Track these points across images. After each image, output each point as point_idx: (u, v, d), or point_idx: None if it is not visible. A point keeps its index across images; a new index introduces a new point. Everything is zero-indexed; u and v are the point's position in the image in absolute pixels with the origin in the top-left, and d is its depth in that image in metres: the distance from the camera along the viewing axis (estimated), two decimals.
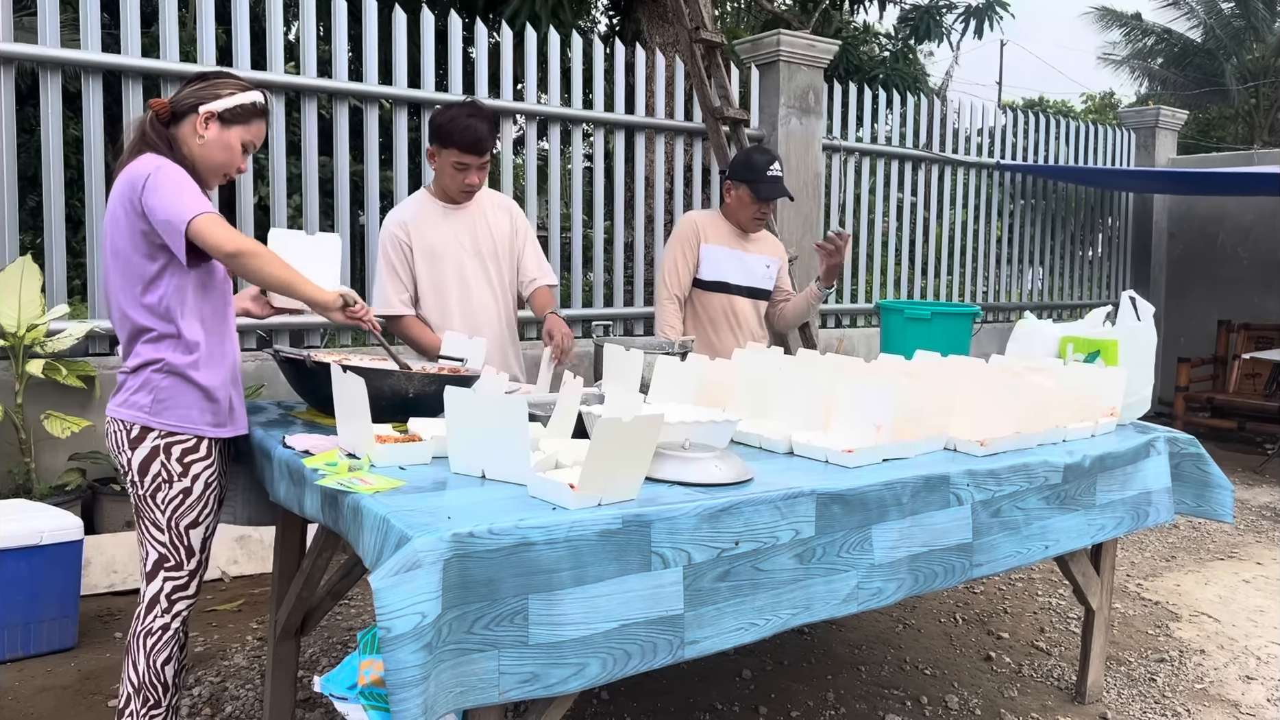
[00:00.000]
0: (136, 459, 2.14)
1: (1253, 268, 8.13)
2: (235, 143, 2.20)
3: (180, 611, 2.19)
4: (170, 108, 2.16)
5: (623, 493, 1.72)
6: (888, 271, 6.88)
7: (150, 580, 2.18)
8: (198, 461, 2.18)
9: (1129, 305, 3.19)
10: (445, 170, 3.02)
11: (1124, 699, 3.06)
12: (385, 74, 4.88)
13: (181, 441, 2.15)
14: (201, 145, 2.16)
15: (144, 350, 2.14)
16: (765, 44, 5.85)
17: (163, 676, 2.17)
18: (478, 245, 3.12)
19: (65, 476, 3.82)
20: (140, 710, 2.16)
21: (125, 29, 4.01)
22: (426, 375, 2.32)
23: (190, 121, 2.16)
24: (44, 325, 3.71)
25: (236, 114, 2.18)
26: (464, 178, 3.01)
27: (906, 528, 2.07)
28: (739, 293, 3.63)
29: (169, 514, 2.16)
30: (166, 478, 2.15)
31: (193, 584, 2.21)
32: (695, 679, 3.03)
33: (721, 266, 3.61)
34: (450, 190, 3.06)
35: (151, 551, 2.18)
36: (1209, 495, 2.92)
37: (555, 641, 1.56)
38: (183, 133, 2.16)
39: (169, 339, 2.13)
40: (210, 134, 2.16)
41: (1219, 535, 5.00)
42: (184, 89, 2.19)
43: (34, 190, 6.77)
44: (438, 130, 2.97)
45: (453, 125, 2.94)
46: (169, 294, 2.12)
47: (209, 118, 2.15)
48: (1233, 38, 19.87)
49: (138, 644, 2.17)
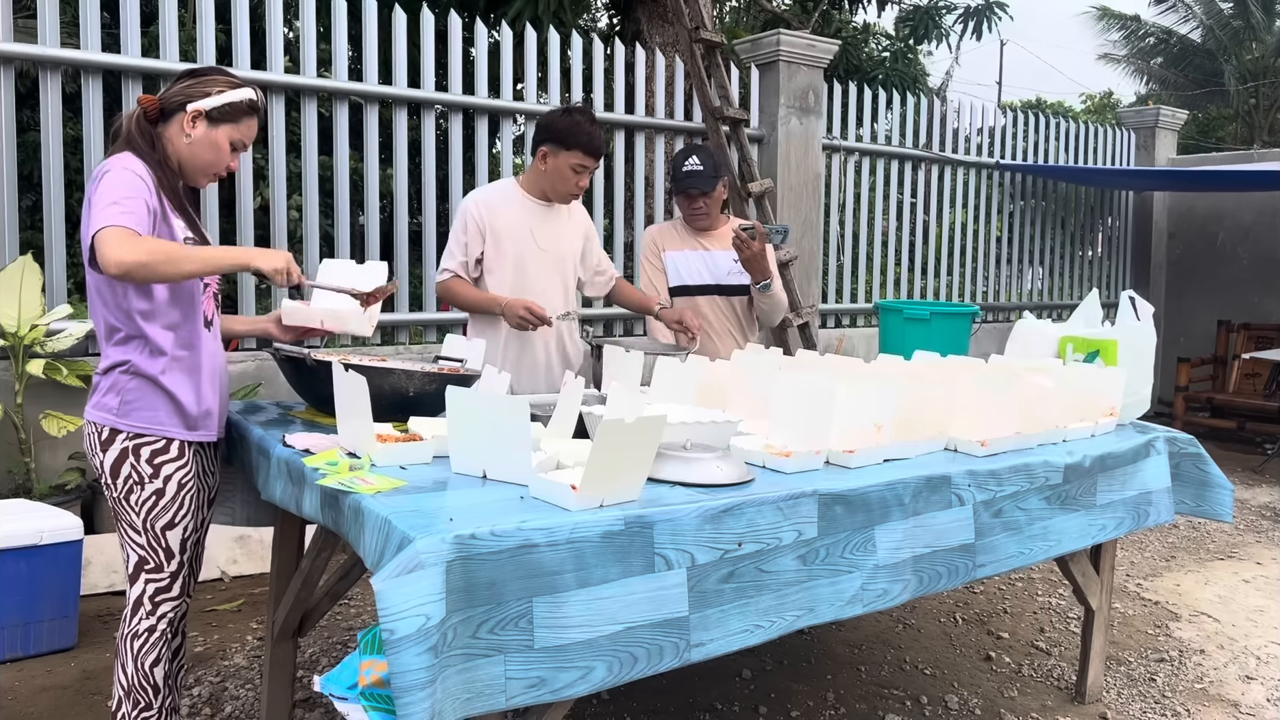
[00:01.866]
0: (108, 461, 2.11)
1: (1253, 268, 8.13)
2: (223, 141, 2.15)
3: (165, 613, 2.16)
4: (159, 105, 2.12)
5: (625, 494, 1.72)
6: (887, 271, 6.88)
7: (133, 583, 2.16)
8: (169, 463, 2.13)
9: (1129, 305, 3.19)
10: (560, 171, 3.11)
11: (1124, 699, 3.06)
12: (385, 74, 4.88)
13: (150, 443, 2.12)
14: (188, 144, 2.12)
15: (112, 352, 2.11)
16: (765, 44, 5.85)
17: (152, 679, 2.15)
18: (552, 248, 3.22)
19: (65, 476, 3.82)
20: (131, 713, 2.14)
21: (125, 29, 4.01)
22: (427, 374, 2.32)
23: (177, 120, 2.11)
24: (44, 325, 3.71)
25: (225, 112, 2.13)
26: (579, 180, 3.13)
27: (909, 528, 2.07)
28: (699, 292, 3.61)
29: (144, 516, 2.13)
30: (138, 479, 2.11)
31: (175, 585, 2.18)
32: (695, 679, 3.03)
33: (680, 270, 3.64)
34: (560, 190, 3.16)
35: (131, 554, 2.15)
36: (1209, 495, 2.92)
37: (561, 645, 1.55)
38: (169, 131, 2.12)
39: (135, 340, 2.10)
40: (197, 133, 2.12)
41: (1219, 535, 5.01)
42: (174, 85, 2.14)
43: (30, 189, 6.77)
44: (559, 134, 3.07)
45: (578, 129, 3.06)
46: (133, 297, 2.07)
47: (196, 116, 2.11)
48: (1232, 38, 19.87)
49: (125, 646, 2.15)
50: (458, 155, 4.90)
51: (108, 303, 2.09)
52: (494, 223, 3.15)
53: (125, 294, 2.07)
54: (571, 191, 3.16)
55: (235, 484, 2.49)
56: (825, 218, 6.37)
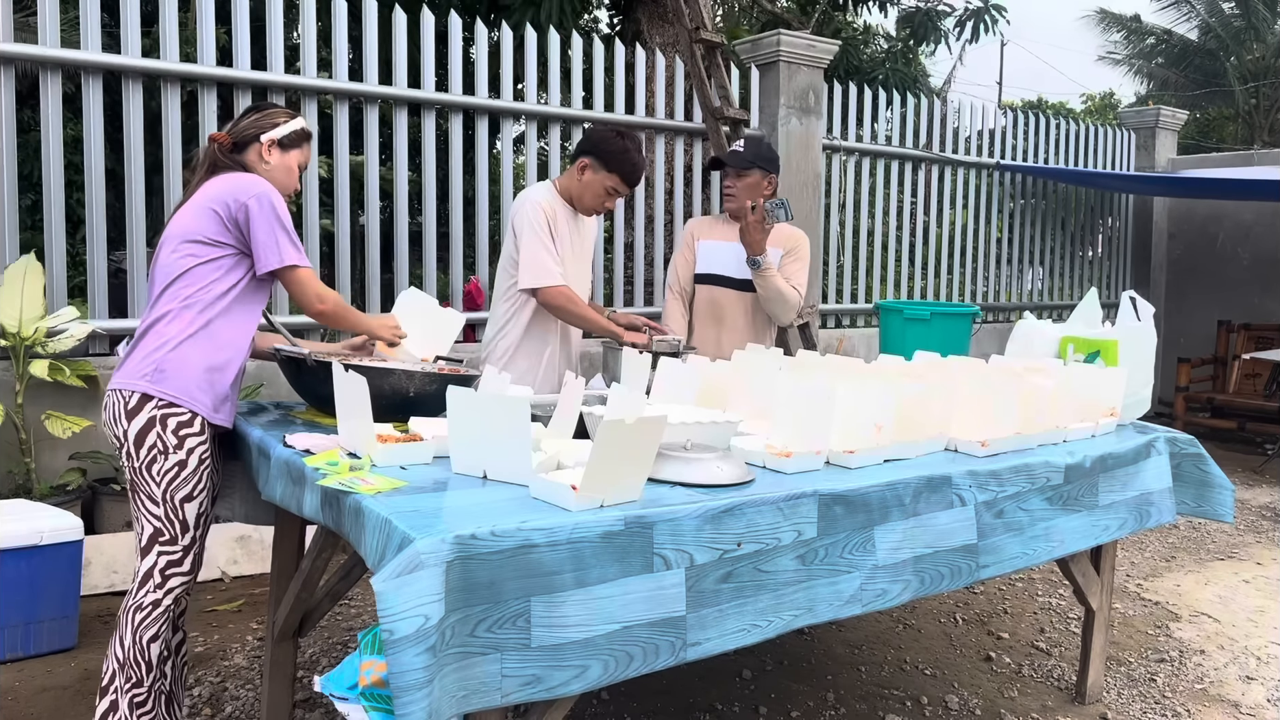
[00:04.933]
0: (133, 429, 2.19)
1: (1253, 268, 8.13)
2: (294, 165, 2.44)
3: (173, 589, 2.21)
4: (231, 139, 2.36)
5: (625, 494, 1.72)
6: (887, 271, 6.89)
7: (145, 555, 2.20)
8: (193, 436, 2.22)
9: (1129, 305, 3.19)
10: (594, 188, 3.17)
11: (1124, 699, 3.06)
12: (385, 74, 4.88)
13: (178, 414, 2.20)
14: (268, 170, 2.38)
15: (164, 327, 2.23)
16: (765, 44, 5.85)
17: (147, 654, 2.17)
18: (582, 252, 3.31)
19: (65, 476, 3.82)
20: (123, 687, 2.16)
21: (125, 29, 4.01)
22: (427, 374, 2.32)
23: (255, 149, 2.38)
24: (45, 325, 3.71)
25: (292, 139, 2.42)
26: (608, 202, 3.22)
27: (910, 528, 2.07)
28: (726, 284, 3.62)
29: (164, 486, 2.20)
30: (162, 449, 2.19)
31: (187, 560, 2.23)
32: (695, 679, 3.03)
33: (711, 259, 3.65)
34: (586, 205, 3.23)
35: (146, 525, 2.20)
36: (1209, 495, 2.92)
37: (557, 644, 1.56)
38: (249, 159, 2.37)
39: (198, 328, 2.23)
40: (274, 159, 2.39)
41: (1219, 535, 5.01)
42: (240, 121, 2.40)
43: (30, 189, 6.77)
44: (606, 155, 3.13)
45: (625, 157, 3.13)
46: (216, 286, 2.25)
47: (271, 145, 2.38)
48: (1233, 38, 19.86)
49: (126, 619, 2.18)
50: (458, 155, 4.90)
51: (184, 281, 2.24)
52: (555, 226, 3.19)
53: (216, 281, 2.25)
54: (597, 209, 3.24)
55: (236, 481, 2.50)
56: (825, 218, 6.37)
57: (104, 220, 4.03)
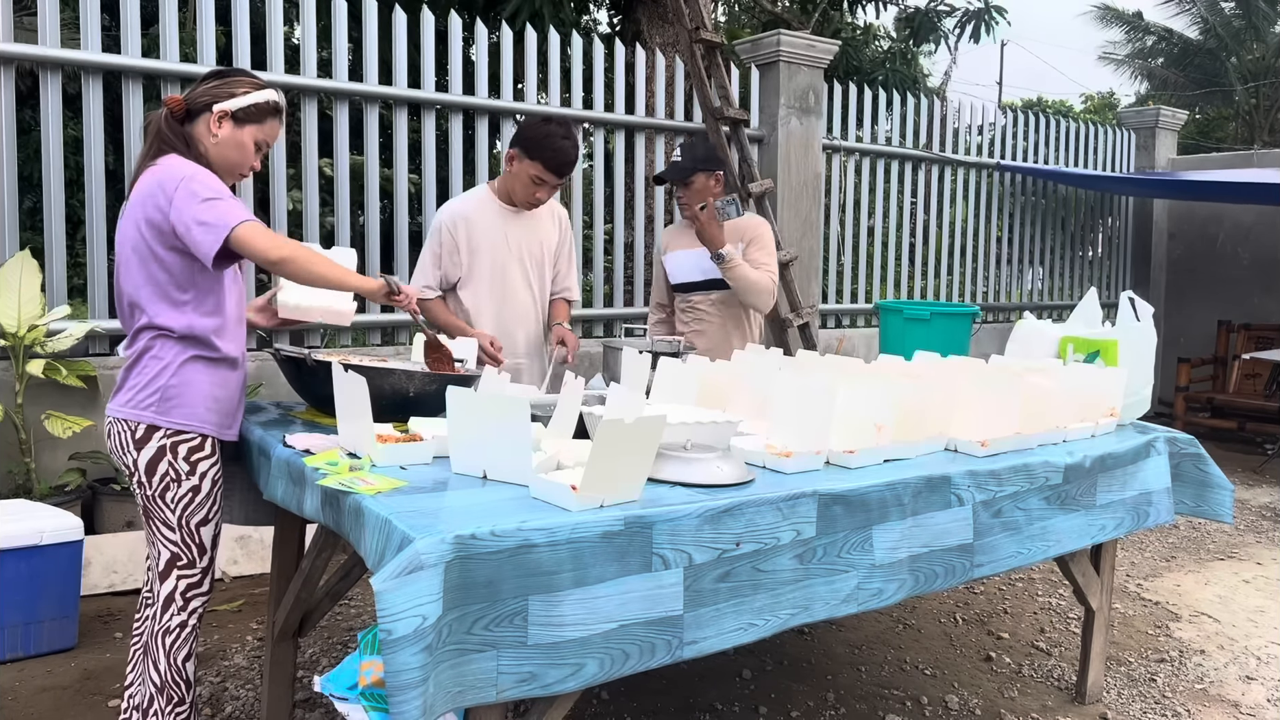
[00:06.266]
0: (143, 459, 2.13)
1: (1253, 268, 8.13)
2: (248, 141, 2.20)
3: (196, 608, 2.20)
4: (185, 105, 2.16)
5: (625, 494, 1.72)
6: (887, 271, 6.88)
7: (164, 579, 2.18)
8: (204, 459, 2.17)
9: (1128, 305, 3.19)
10: (521, 179, 3.08)
11: (1124, 699, 3.06)
12: (385, 74, 4.88)
13: (189, 440, 2.15)
14: (215, 144, 2.17)
15: (156, 348, 2.12)
16: (765, 44, 5.85)
17: (184, 673, 2.17)
18: (526, 251, 3.21)
19: (65, 476, 3.82)
20: (165, 709, 2.16)
21: (125, 29, 4.01)
22: (427, 375, 2.32)
23: (204, 120, 2.16)
24: (44, 325, 3.71)
25: (250, 113, 2.19)
26: (536, 192, 3.09)
27: (908, 528, 2.07)
28: (694, 289, 3.67)
29: (179, 513, 2.15)
30: (174, 476, 2.14)
31: (206, 580, 2.22)
32: (695, 679, 3.03)
33: (676, 269, 3.69)
34: (517, 198, 3.14)
35: (164, 551, 2.17)
36: (1209, 495, 2.92)
37: (554, 642, 1.56)
38: (197, 131, 2.16)
39: (188, 339, 2.13)
40: (223, 133, 2.17)
41: (1219, 535, 5.01)
42: (199, 86, 2.19)
43: (30, 190, 6.77)
44: (527, 142, 3.03)
45: (546, 142, 2.99)
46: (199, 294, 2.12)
47: (222, 116, 2.16)
48: (1233, 37, 19.86)
49: (157, 643, 2.17)
50: (458, 155, 4.91)
51: (167, 298, 2.10)
52: (470, 235, 3.12)
53: (200, 300, 2.12)
54: (530, 201, 3.13)
55: (235, 482, 2.49)
56: (825, 218, 6.37)
57: (104, 220, 4.03)
